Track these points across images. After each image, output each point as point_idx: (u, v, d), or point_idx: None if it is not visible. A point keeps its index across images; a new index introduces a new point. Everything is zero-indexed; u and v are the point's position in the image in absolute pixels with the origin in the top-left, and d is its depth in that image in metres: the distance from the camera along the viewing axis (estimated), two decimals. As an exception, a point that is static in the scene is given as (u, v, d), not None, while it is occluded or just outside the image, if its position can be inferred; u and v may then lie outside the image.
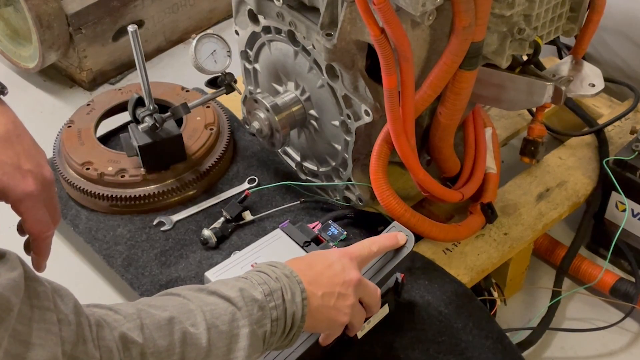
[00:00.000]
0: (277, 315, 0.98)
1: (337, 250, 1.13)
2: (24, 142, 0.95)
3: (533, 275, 1.57)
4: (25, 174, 0.92)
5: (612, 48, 1.79)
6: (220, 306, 0.94)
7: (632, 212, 1.48)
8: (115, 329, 0.84)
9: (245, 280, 1.00)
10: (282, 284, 1.01)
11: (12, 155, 0.92)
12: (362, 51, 1.29)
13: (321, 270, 1.06)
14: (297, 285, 1.02)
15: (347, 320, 1.07)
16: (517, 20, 1.24)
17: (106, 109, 1.61)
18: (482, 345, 1.27)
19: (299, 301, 1.01)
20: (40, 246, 0.98)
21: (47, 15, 1.87)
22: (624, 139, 1.59)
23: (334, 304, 1.04)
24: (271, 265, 1.04)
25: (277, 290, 1.00)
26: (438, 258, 1.38)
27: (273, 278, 1.01)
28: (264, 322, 0.97)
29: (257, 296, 0.97)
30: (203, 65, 1.45)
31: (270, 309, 0.98)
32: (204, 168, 1.52)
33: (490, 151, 1.46)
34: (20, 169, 0.92)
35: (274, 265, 1.04)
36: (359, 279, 1.08)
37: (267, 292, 0.99)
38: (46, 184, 0.95)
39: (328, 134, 1.42)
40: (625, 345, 1.47)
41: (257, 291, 0.98)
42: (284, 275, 1.02)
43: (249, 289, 0.98)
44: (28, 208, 0.93)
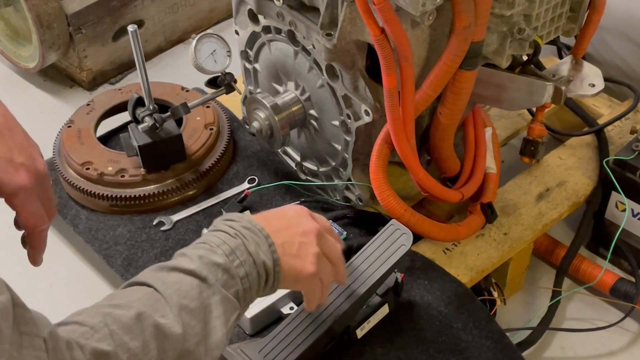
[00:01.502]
0: (246, 272, 0.94)
1: (294, 206, 1.09)
2: (16, 135, 0.94)
3: (533, 275, 1.57)
4: (18, 167, 0.92)
5: (612, 48, 1.79)
6: (184, 282, 0.90)
7: (632, 212, 1.48)
8: (85, 347, 0.80)
9: (203, 245, 0.95)
10: (243, 237, 0.96)
11: (4, 148, 0.92)
12: (362, 51, 1.29)
13: (279, 222, 1.01)
14: (259, 233, 0.97)
15: (314, 271, 1.01)
16: (517, 20, 1.24)
17: (106, 109, 1.61)
18: (482, 345, 1.27)
19: (265, 249, 0.97)
20: (35, 240, 0.98)
21: (47, 15, 1.87)
22: (624, 139, 1.59)
23: (296, 251, 0.99)
24: (228, 220, 0.99)
25: (239, 247, 0.95)
26: (438, 258, 1.38)
27: (232, 235, 0.96)
28: (232, 283, 0.93)
29: (218, 260, 0.93)
30: (203, 65, 1.45)
31: (235, 267, 0.93)
32: (204, 168, 1.52)
33: (490, 151, 1.46)
34: (13, 163, 0.92)
35: (231, 220, 0.99)
36: (318, 228, 1.03)
37: (228, 251, 0.94)
38: (40, 177, 0.94)
39: (328, 134, 1.42)
40: (625, 345, 1.47)
41: (217, 255, 0.93)
42: (244, 228, 0.97)
43: (208, 255, 0.93)
44: (22, 202, 0.93)
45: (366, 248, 1.22)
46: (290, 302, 1.29)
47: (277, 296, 1.28)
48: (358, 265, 1.21)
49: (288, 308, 1.28)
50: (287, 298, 1.29)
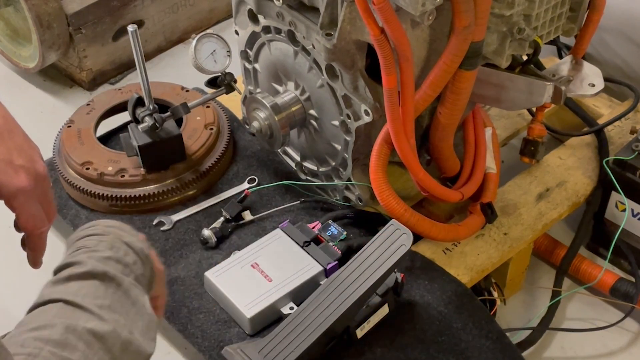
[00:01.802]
0: (133, 259, 0.95)
1: None
2: (15, 137, 0.94)
3: (533, 275, 1.57)
4: (17, 169, 0.91)
5: (612, 48, 1.79)
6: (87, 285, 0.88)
7: (632, 212, 1.48)
8: None
9: (82, 250, 0.93)
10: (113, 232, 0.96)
11: (4, 150, 0.91)
12: (362, 51, 1.29)
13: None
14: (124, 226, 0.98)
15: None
16: (517, 20, 1.24)
17: (106, 109, 1.61)
18: (482, 345, 1.27)
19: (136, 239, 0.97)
20: (35, 242, 0.97)
21: (47, 15, 1.87)
22: (624, 139, 1.59)
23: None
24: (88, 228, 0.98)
25: (115, 240, 0.95)
26: (438, 258, 1.38)
27: (102, 233, 0.96)
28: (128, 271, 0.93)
29: (106, 254, 0.92)
30: (203, 65, 1.45)
31: (124, 256, 0.94)
32: (204, 168, 1.52)
33: (490, 151, 1.46)
34: (13, 165, 0.91)
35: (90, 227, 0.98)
36: None
37: (109, 246, 0.93)
38: (39, 179, 0.94)
39: (328, 134, 1.42)
40: (625, 345, 1.47)
41: (101, 251, 0.92)
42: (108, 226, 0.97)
43: (94, 254, 0.92)
44: (21, 204, 0.92)
45: (366, 248, 1.23)
46: (290, 302, 1.29)
47: (277, 296, 1.28)
48: (358, 265, 1.21)
49: (288, 308, 1.28)
50: (287, 298, 1.29)
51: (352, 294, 1.18)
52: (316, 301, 1.20)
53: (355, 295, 1.18)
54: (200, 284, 1.35)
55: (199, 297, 1.34)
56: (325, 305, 1.19)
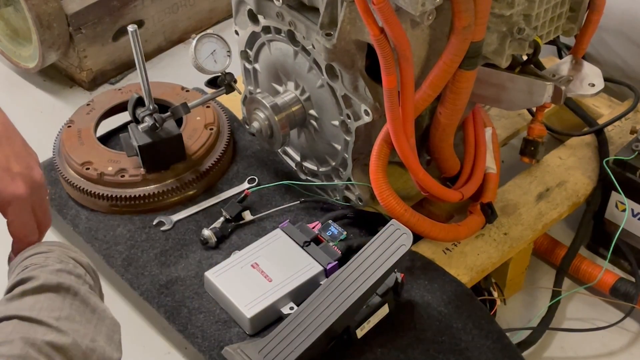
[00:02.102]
0: (84, 271, 0.95)
1: None
2: (14, 144, 0.93)
3: (533, 275, 1.57)
4: (14, 176, 0.91)
5: (612, 48, 1.79)
6: (42, 299, 0.88)
7: (632, 212, 1.48)
8: None
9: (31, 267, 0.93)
10: (58, 248, 0.97)
11: (1, 157, 0.91)
12: (362, 51, 1.29)
13: None
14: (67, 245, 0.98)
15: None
16: (517, 20, 1.24)
17: (106, 109, 1.61)
18: (482, 345, 1.27)
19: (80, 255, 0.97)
20: (22, 249, 0.96)
21: (47, 15, 1.87)
22: (624, 139, 1.59)
23: None
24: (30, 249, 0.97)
25: (62, 254, 0.95)
26: (438, 258, 1.38)
27: (47, 250, 0.96)
28: (81, 282, 0.93)
29: (57, 267, 0.92)
30: (203, 65, 1.45)
31: (74, 267, 0.94)
32: (204, 168, 1.52)
33: (490, 151, 1.46)
34: (10, 172, 0.91)
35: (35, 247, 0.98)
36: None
37: (58, 260, 0.93)
38: (35, 187, 0.93)
39: (328, 134, 1.42)
40: (625, 345, 1.47)
41: (51, 265, 0.92)
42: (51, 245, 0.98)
43: (46, 269, 0.91)
44: (15, 211, 0.92)
45: (366, 248, 1.22)
46: (290, 302, 1.29)
47: (277, 296, 1.28)
48: (358, 265, 1.21)
49: (288, 308, 1.28)
50: (287, 298, 1.29)
51: (352, 294, 1.18)
52: (316, 301, 1.20)
53: (355, 295, 1.18)
54: (200, 284, 1.35)
55: (199, 297, 1.34)
56: (325, 305, 1.19)
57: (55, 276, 0.90)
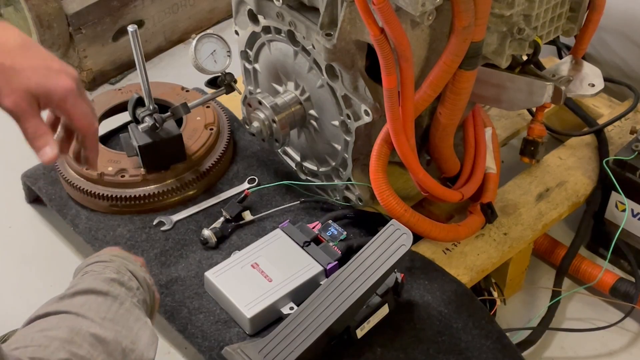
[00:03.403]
0: (137, 285, 1.03)
1: None
2: (41, 49, 0.95)
3: (533, 275, 1.57)
4: (58, 72, 0.93)
5: (612, 48, 1.79)
6: (91, 300, 0.95)
7: (632, 212, 1.48)
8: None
9: (90, 273, 1.02)
10: (119, 260, 1.06)
11: (39, 59, 0.93)
12: (362, 51, 1.29)
13: None
14: (129, 258, 1.08)
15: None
16: (517, 20, 1.24)
17: (106, 109, 1.61)
18: (482, 345, 1.27)
19: (139, 269, 1.06)
20: (92, 141, 0.99)
21: (47, 15, 1.87)
22: (624, 139, 1.59)
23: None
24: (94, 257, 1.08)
25: (121, 266, 1.04)
26: (438, 258, 1.38)
27: (108, 260, 1.04)
28: (131, 294, 1.00)
29: (112, 276, 1.00)
30: (203, 65, 1.45)
31: (128, 281, 1.02)
32: (204, 168, 1.52)
33: (490, 151, 1.46)
34: (53, 69, 0.93)
35: (96, 255, 1.08)
36: None
37: (115, 270, 1.02)
38: (77, 80, 0.95)
39: (328, 134, 1.42)
40: (625, 345, 1.47)
41: (108, 274, 1.01)
42: (114, 256, 1.07)
43: (101, 276, 1.00)
44: (72, 104, 0.94)
45: (366, 248, 1.22)
46: (290, 302, 1.29)
47: (277, 296, 1.28)
48: (358, 265, 1.21)
49: (288, 308, 1.28)
50: (287, 298, 1.29)
51: (352, 294, 1.18)
52: (316, 301, 1.20)
53: (355, 295, 1.18)
54: (200, 284, 1.35)
55: (199, 297, 1.34)
56: (325, 305, 1.19)
57: (107, 284, 0.98)
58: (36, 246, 1.60)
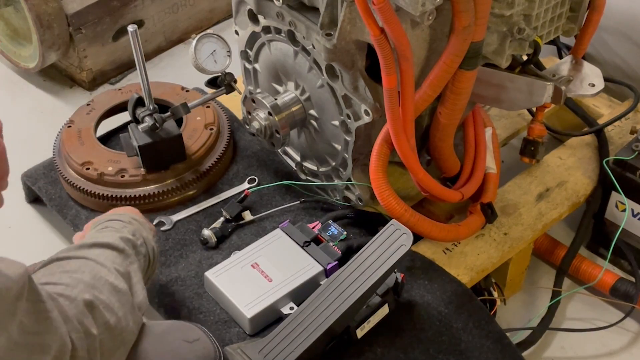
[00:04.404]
0: (145, 252, 1.12)
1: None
2: None
3: (533, 275, 1.57)
4: None
5: (612, 48, 1.79)
6: (107, 253, 1.04)
7: (632, 212, 1.48)
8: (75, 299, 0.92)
9: (108, 229, 1.11)
10: (137, 224, 1.13)
11: None
12: (362, 51, 1.29)
13: None
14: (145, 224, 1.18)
15: None
16: (517, 20, 1.24)
17: (106, 109, 1.61)
18: (482, 345, 1.27)
19: (151, 239, 1.16)
20: None
21: (47, 15, 1.87)
22: (624, 139, 1.59)
23: None
24: (115, 214, 1.17)
25: (137, 230, 1.13)
26: (438, 258, 1.38)
27: (127, 222, 1.13)
28: (139, 258, 1.10)
29: (128, 236, 1.10)
30: (203, 65, 1.45)
31: (139, 246, 1.11)
32: (204, 168, 1.52)
33: (490, 151, 1.46)
34: None
35: (119, 214, 1.18)
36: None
37: (132, 232, 1.11)
38: None
39: (328, 134, 1.42)
40: (625, 345, 1.47)
41: (125, 233, 1.10)
42: (133, 219, 1.16)
43: (118, 233, 1.08)
44: None
45: (366, 248, 1.23)
46: (290, 302, 1.29)
47: (277, 296, 1.28)
48: (358, 265, 1.21)
49: (288, 308, 1.28)
50: (287, 298, 1.29)
51: (352, 294, 1.18)
52: (316, 301, 1.20)
53: (355, 295, 1.18)
54: (200, 284, 1.35)
55: (199, 297, 1.34)
56: (325, 305, 1.19)
57: (123, 243, 1.07)
58: (36, 246, 1.60)
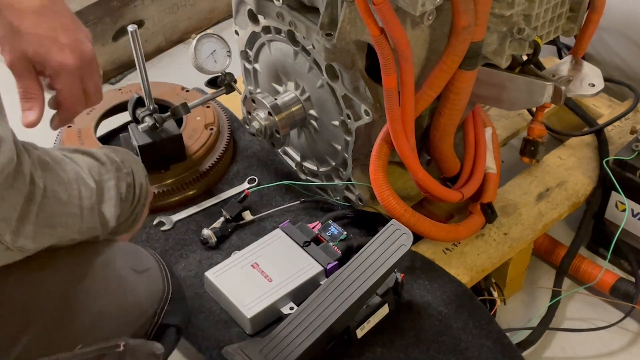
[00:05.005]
0: (129, 182, 1.03)
1: None
2: (62, 18, 0.96)
3: (533, 275, 1.57)
4: (62, 47, 0.94)
5: (612, 48, 1.79)
6: (87, 160, 0.98)
7: (632, 212, 1.48)
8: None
9: (100, 149, 1.04)
10: (129, 159, 1.06)
11: (48, 28, 0.94)
12: (362, 51, 1.29)
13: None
14: (139, 163, 1.08)
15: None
16: (517, 20, 1.24)
17: (106, 109, 1.61)
18: (482, 345, 1.27)
19: (142, 176, 1.07)
20: (66, 117, 1.02)
21: (47, 15, 1.87)
22: (624, 139, 1.59)
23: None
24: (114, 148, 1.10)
25: (127, 161, 1.05)
26: (438, 258, 1.38)
27: (121, 151, 1.06)
28: (120, 184, 1.01)
29: (114, 158, 1.02)
30: (203, 65, 1.45)
31: (124, 173, 1.02)
32: (204, 168, 1.52)
33: (490, 151, 1.46)
34: (58, 43, 0.94)
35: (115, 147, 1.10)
36: None
37: (120, 159, 1.03)
38: (85, 60, 0.96)
39: (328, 134, 1.42)
40: (625, 345, 1.47)
41: (113, 154, 1.03)
42: (128, 154, 1.07)
43: (107, 152, 1.02)
44: (64, 80, 0.95)
45: (366, 248, 1.23)
46: (290, 302, 1.29)
47: (277, 296, 1.28)
48: (358, 265, 1.21)
49: (288, 308, 1.28)
50: (287, 298, 1.29)
51: (352, 294, 1.18)
52: (316, 301, 1.20)
53: (355, 295, 1.18)
54: (200, 284, 1.35)
55: (199, 297, 1.34)
56: (325, 305, 1.19)
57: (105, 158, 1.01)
58: (36, 246, 1.60)
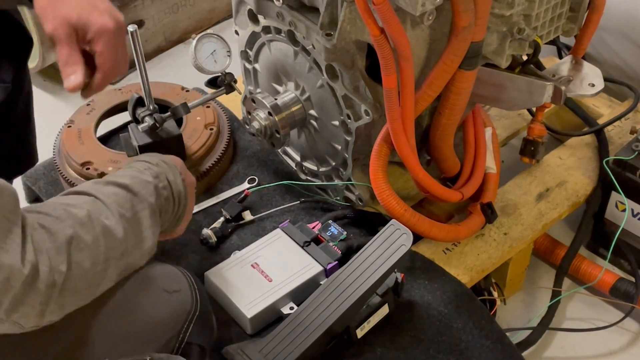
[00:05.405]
0: (168, 195, 1.08)
1: None
2: None
3: (533, 275, 1.58)
4: (102, 12, 0.99)
5: (612, 48, 1.79)
6: (120, 194, 1.01)
7: (632, 212, 1.48)
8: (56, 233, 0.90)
9: (132, 169, 1.07)
10: (164, 166, 1.11)
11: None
12: (362, 51, 1.29)
13: None
14: (175, 168, 1.13)
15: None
16: (517, 20, 1.24)
17: (106, 109, 1.61)
18: (482, 345, 1.27)
19: (180, 182, 1.12)
20: (103, 83, 1.06)
21: (47, 15, 1.87)
22: (624, 139, 1.59)
23: None
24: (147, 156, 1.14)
25: (162, 173, 1.09)
26: (438, 258, 1.38)
27: (154, 163, 1.09)
28: (158, 202, 1.06)
29: (148, 179, 1.06)
30: (203, 65, 1.45)
31: (161, 189, 1.07)
32: (204, 168, 1.52)
33: (490, 151, 1.46)
34: (97, 8, 0.99)
35: (149, 156, 1.15)
36: None
37: (154, 175, 1.07)
38: (121, 26, 1.01)
39: (328, 134, 1.42)
40: (625, 345, 1.47)
41: (146, 175, 1.07)
42: (162, 161, 1.11)
43: (139, 175, 1.05)
44: (106, 42, 0.99)
45: (366, 248, 1.23)
46: (290, 302, 1.29)
47: (277, 296, 1.28)
48: (358, 265, 1.21)
49: (288, 308, 1.28)
50: (287, 298, 1.29)
51: (352, 294, 1.18)
52: (316, 301, 1.20)
53: (355, 295, 1.18)
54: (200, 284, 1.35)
55: (199, 297, 1.34)
56: (325, 305, 1.19)
57: (139, 186, 1.04)
58: (36, 246, 1.60)
